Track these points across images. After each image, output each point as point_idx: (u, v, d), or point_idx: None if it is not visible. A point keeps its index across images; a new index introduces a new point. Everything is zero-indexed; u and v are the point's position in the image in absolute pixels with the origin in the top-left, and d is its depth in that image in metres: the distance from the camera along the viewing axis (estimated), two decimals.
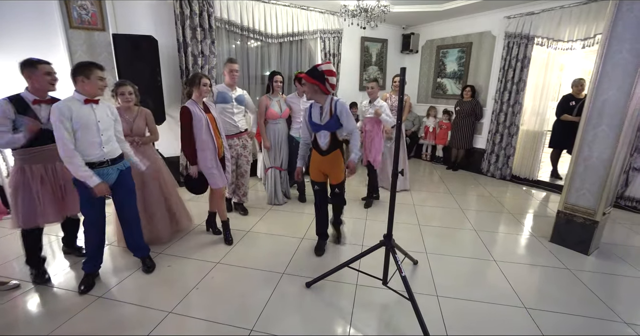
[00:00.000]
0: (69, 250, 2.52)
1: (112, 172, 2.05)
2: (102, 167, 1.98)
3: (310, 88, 2.24)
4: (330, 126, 2.29)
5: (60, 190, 2.14)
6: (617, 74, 2.32)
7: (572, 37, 3.91)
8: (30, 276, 2.15)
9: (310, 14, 4.74)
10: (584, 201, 2.61)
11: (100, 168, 1.97)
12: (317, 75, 2.18)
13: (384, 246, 1.91)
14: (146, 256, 2.34)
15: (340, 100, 2.29)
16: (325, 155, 2.36)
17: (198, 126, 2.44)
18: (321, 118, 2.30)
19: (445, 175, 5.04)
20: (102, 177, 1.96)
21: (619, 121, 2.35)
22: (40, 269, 2.17)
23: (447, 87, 5.67)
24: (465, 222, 3.27)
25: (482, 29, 4.99)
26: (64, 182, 2.14)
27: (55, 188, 2.11)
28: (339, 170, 2.39)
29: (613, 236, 2.98)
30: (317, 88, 2.22)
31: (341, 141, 2.39)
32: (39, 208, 2.03)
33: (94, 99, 1.94)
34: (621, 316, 1.90)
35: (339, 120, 2.28)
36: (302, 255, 2.56)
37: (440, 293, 2.09)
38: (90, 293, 2.03)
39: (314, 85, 2.21)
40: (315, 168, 2.44)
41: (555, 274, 2.36)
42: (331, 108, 2.26)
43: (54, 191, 2.10)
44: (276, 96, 3.34)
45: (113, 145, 2.05)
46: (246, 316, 1.86)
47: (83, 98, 1.89)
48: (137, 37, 3.35)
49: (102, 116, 1.97)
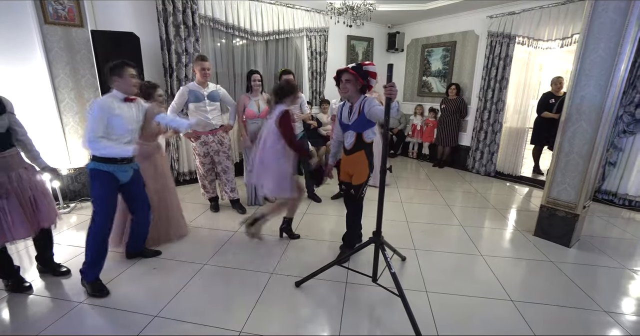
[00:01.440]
0: (45, 269, 2.20)
1: (129, 169, 2.09)
2: (123, 164, 2.01)
3: (354, 86, 2.15)
4: (357, 126, 2.20)
5: (30, 202, 1.92)
6: (594, 72, 2.40)
7: (551, 37, 4.03)
8: (6, 288, 2.01)
9: (296, 12, 4.71)
10: (565, 195, 2.70)
11: (122, 165, 2.01)
12: (362, 74, 2.12)
13: (373, 243, 1.91)
14: (143, 248, 2.40)
15: (368, 97, 2.19)
16: (349, 154, 2.31)
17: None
18: (350, 117, 2.23)
19: (431, 173, 5.11)
20: (120, 174, 2.02)
21: (596, 117, 2.43)
22: (16, 278, 2.01)
23: (432, 86, 5.75)
24: (452, 217, 3.32)
25: (465, 28, 5.08)
26: (33, 193, 1.94)
27: (23, 200, 1.88)
28: (360, 171, 2.27)
29: (592, 228, 3.09)
30: (358, 87, 2.17)
31: (368, 143, 2.25)
32: (5, 224, 1.81)
33: (131, 97, 2.00)
34: (601, 305, 1.97)
35: (366, 120, 2.16)
36: (292, 254, 2.54)
37: (429, 289, 2.11)
38: (71, 300, 1.95)
39: (358, 82, 2.13)
40: (341, 168, 2.42)
41: (539, 267, 2.43)
42: (360, 107, 2.17)
43: (22, 203, 1.87)
44: (255, 95, 3.29)
45: (134, 144, 2.06)
46: (235, 317, 1.82)
47: (122, 96, 1.96)
48: (117, 34, 3.24)
49: (138, 115, 2.06)
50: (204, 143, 3.05)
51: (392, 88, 1.66)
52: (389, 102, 1.68)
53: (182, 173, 4.22)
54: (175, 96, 3.00)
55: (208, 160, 3.14)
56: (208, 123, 2.98)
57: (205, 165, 3.15)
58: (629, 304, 2.02)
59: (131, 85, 1.96)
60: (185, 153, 4.15)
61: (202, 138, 3.03)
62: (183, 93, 2.95)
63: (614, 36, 2.26)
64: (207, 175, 3.21)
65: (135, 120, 2.06)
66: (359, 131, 2.21)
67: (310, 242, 2.76)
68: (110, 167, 1.97)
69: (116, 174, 2.01)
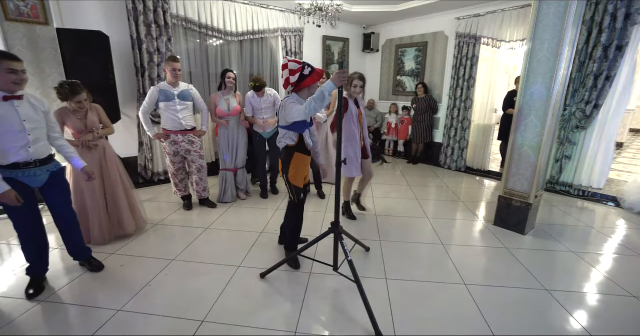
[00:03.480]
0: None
1: (41, 172, 1.92)
2: (29, 168, 1.85)
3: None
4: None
5: None
6: (540, 70, 2.58)
7: (513, 38, 4.25)
8: None
9: (270, 12, 4.77)
10: (519, 186, 2.87)
11: (26, 169, 1.84)
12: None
13: (332, 233, 2.00)
14: (89, 258, 2.27)
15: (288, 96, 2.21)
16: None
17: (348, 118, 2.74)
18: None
19: (405, 169, 5.27)
20: (28, 179, 1.86)
21: (543, 112, 2.60)
22: None
23: (406, 84, 5.92)
24: (420, 211, 3.46)
25: (435, 29, 5.27)
26: None
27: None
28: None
29: (550, 217, 3.29)
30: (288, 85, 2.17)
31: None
32: None
33: (14, 95, 1.74)
34: (544, 285, 2.13)
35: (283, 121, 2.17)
36: (260, 248, 2.60)
37: (388, 276, 2.22)
38: (34, 299, 1.95)
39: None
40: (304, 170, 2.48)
41: (495, 253, 2.58)
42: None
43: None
44: (227, 94, 3.33)
45: (42, 145, 1.91)
46: (199, 308, 1.88)
47: (1, 94, 1.71)
48: (85, 33, 3.23)
49: (29, 114, 1.81)
50: (174, 143, 3.08)
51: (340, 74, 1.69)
52: (341, 102, 1.78)
53: (157, 172, 4.21)
54: (146, 96, 3.02)
55: (178, 158, 3.17)
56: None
57: (175, 163, 3.17)
58: (567, 281, 2.21)
59: (9, 82, 1.69)
60: (159, 153, 4.14)
61: (172, 137, 3.06)
62: (153, 93, 2.97)
63: (555, 37, 2.44)
64: (178, 174, 3.23)
65: (31, 120, 1.81)
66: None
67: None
68: (12, 173, 1.80)
69: (21, 180, 1.85)
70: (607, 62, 3.32)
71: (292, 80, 2.06)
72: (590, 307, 1.95)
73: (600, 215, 3.42)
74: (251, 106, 3.46)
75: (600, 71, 3.38)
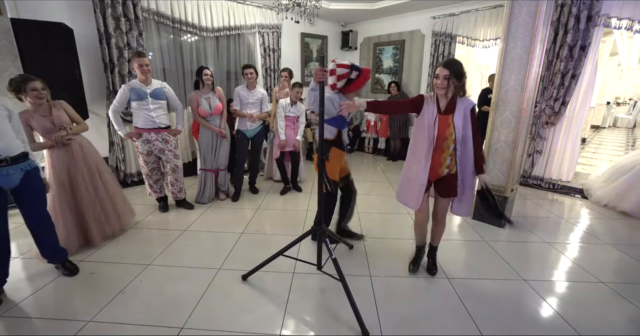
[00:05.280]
0: None
1: (14, 172, 1.84)
2: (0, 166, 1.77)
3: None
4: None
5: None
6: (514, 67, 2.66)
7: (487, 37, 4.38)
8: None
9: (247, 8, 4.65)
10: (496, 180, 2.96)
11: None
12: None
13: (315, 232, 1.96)
14: (65, 260, 2.14)
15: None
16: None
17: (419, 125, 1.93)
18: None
19: (385, 166, 5.32)
20: (1, 179, 1.77)
21: (517, 108, 2.69)
22: None
23: (384, 82, 5.98)
24: (402, 208, 3.49)
25: (412, 28, 5.35)
26: None
27: None
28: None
29: (524, 210, 3.41)
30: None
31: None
32: None
33: None
34: (521, 275, 2.21)
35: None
36: (241, 249, 2.52)
37: (373, 273, 2.21)
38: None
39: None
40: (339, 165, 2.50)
41: (474, 246, 2.65)
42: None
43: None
44: (206, 92, 3.21)
45: (10, 140, 1.81)
46: (177, 315, 1.79)
47: None
48: (44, 24, 2.99)
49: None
50: (147, 142, 2.92)
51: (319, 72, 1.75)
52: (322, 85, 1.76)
53: (130, 174, 4.00)
54: (117, 95, 2.85)
55: (152, 158, 3.02)
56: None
57: (149, 163, 3.02)
58: (541, 270, 2.31)
59: None
60: (132, 153, 3.94)
61: (144, 136, 2.90)
62: (124, 92, 2.80)
63: (528, 36, 2.52)
64: (152, 175, 3.08)
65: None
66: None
67: (260, 236, 2.77)
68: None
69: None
70: (573, 62, 3.49)
71: (339, 86, 2.16)
72: (562, 294, 2.04)
73: (568, 207, 3.59)
74: (239, 99, 3.43)
75: (567, 70, 3.54)
